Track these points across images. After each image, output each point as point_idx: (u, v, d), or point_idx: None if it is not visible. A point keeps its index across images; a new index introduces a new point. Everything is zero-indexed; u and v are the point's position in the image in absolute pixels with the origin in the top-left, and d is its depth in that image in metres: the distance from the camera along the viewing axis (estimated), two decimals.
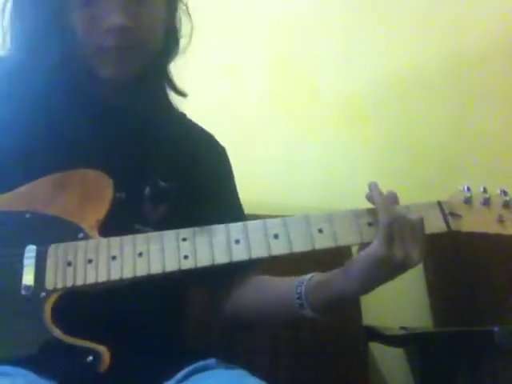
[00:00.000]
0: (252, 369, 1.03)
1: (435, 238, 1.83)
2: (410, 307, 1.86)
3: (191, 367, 1.02)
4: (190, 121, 1.20)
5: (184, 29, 1.16)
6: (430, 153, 1.94)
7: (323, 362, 1.61)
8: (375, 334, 1.66)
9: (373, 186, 0.99)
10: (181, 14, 1.15)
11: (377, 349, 1.76)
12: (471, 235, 1.71)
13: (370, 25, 1.95)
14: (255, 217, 1.03)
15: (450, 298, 1.82)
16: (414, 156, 1.93)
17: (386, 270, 0.95)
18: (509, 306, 1.71)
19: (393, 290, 1.84)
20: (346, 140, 1.90)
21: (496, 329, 1.36)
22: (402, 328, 1.70)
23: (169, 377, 1.01)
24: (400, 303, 1.83)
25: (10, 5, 1.06)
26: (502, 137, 1.97)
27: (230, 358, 1.08)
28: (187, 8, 1.15)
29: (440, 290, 1.84)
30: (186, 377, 1.01)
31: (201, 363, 1.03)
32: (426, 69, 1.96)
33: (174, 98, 1.18)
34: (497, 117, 1.98)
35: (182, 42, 1.15)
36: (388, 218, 0.94)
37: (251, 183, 1.63)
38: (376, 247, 0.94)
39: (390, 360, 1.81)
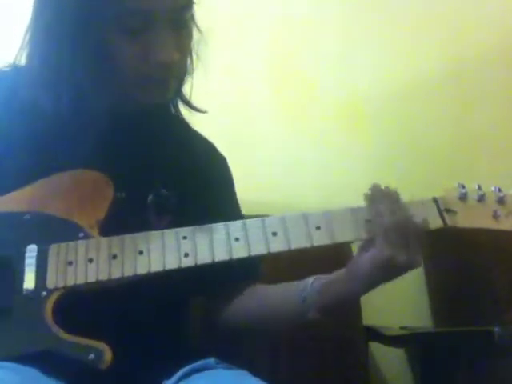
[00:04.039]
0: (252, 368, 1.03)
1: (435, 238, 1.83)
2: (409, 307, 1.86)
3: (191, 366, 1.02)
4: (193, 130, 1.20)
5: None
6: (429, 153, 1.93)
7: (323, 362, 1.61)
8: (375, 334, 1.66)
9: (374, 187, 0.98)
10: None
11: (377, 349, 1.76)
12: (471, 235, 1.72)
13: (369, 25, 1.95)
14: (255, 217, 1.03)
15: (450, 298, 1.82)
16: (414, 156, 1.93)
17: (389, 271, 0.95)
18: (509, 305, 1.71)
19: (393, 290, 1.84)
20: (345, 140, 1.90)
21: (496, 329, 1.36)
22: (403, 328, 1.70)
23: (169, 376, 1.01)
24: (400, 303, 1.83)
25: (34, 22, 1.02)
26: (502, 138, 1.97)
27: (230, 357, 1.07)
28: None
29: (440, 290, 1.85)
30: (186, 376, 1.01)
31: (200, 363, 1.03)
32: (425, 70, 1.96)
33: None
34: (496, 118, 1.98)
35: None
36: (393, 223, 0.94)
37: (251, 183, 1.64)
38: (380, 249, 0.94)
39: (390, 360, 1.81)
